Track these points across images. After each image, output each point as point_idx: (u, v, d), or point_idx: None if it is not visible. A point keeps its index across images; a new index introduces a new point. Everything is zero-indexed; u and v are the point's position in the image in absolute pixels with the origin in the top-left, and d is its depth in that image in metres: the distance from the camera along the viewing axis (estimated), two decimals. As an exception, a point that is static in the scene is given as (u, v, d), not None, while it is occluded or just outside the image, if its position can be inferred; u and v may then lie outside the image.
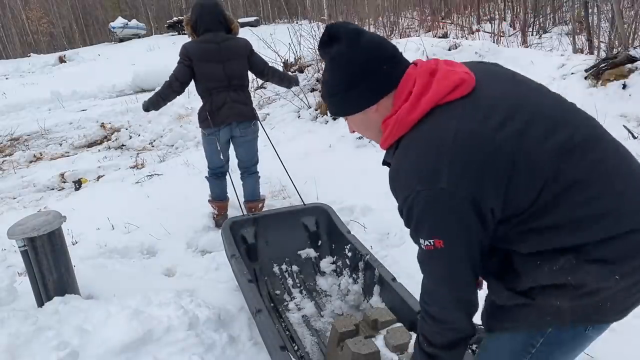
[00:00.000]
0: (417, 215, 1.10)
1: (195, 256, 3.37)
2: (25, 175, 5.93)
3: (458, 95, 1.11)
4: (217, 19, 3.29)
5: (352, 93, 1.20)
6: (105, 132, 7.56)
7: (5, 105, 9.93)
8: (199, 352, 2.15)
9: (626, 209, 1.07)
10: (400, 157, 1.16)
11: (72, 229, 3.64)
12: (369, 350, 1.81)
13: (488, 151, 1.05)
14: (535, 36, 7.64)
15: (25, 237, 2.41)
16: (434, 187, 1.06)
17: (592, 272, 1.06)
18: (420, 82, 1.14)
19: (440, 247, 1.10)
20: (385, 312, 2.09)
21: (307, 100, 6.33)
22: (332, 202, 3.80)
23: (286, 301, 2.72)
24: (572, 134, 1.09)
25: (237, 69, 3.37)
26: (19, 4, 35.98)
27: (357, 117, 1.25)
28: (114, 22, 25.65)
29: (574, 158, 1.06)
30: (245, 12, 34.28)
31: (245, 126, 3.48)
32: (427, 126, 1.12)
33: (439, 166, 1.05)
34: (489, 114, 1.08)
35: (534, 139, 1.06)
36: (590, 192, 1.06)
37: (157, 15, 37.39)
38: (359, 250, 2.63)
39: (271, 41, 7.39)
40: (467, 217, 1.07)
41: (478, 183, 1.05)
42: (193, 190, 4.31)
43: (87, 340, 2.15)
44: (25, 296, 2.65)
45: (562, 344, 1.17)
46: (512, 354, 1.21)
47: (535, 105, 1.12)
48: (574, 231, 1.07)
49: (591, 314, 1.11)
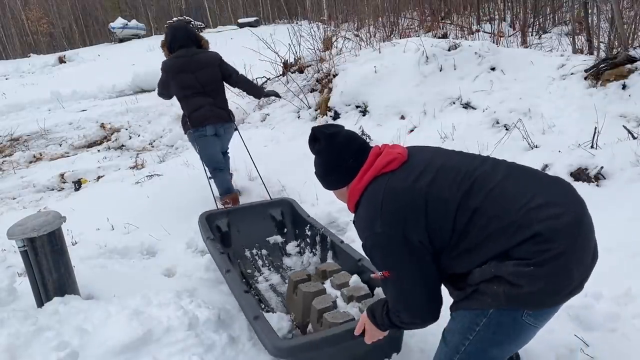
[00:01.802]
0: (370, 253, 1.56)
1: (195, 256, 3.37)
2: (25, 175, 5.93)
3: (392, 168, 1.55)
4: (187, 37, 3.85)
5: (331, 177, 1.70)
6: (105, 132, 7.56)
7: (5, 106, 9.91)
8: (198, 353, 2.15)
9: (524, 220, 1.35)
10: (356, 213, 1.63)
11: (72, 229, 3.64)
12: (316, 289, 2.37)
13: (408, 198, 1.47)
14: (535, 36, 7.64)
15: (25, 237, 2.41)
16: (374, 232, 1.49)
17: (509, 265, 1.34)
18: (367, 162, 1.60)
19: (389, 276, 1.50)
20: (333, 264, 2.70)
21: (307, 101, 6.33)
22: (331, 202, 3.80)
23: (256, 276, 3.10)
24: (471, 174, 1.46)
25: (209, 77, 3.84)
26: (18, 4, 35.98)
27: (337, 191, 1.74)
28: (113, 23, 25.61)
29: (473, 192, 1.43)
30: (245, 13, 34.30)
31: (227, 127, 3.95)
32: (368, 191, 1.57)
33: (374, 216, 1.49)
34: (410, 173, 1.52)
35: (441, 183, 1.46)
36: (488, 215, 1.39)
37: (157, 15, 37.40)
38: (316, 227, 3.10)
39: (271, 41, 7.39)
40: (403, 250, 1.45)
41: (403, 222, 1.45)
42: (193, 191, 4.31)
43: (87, 341, 2.15)
44: (25, 296, 2.65)
45: (501, 325, 1.42)
46: (461, 330, 1.49)
47: (443, 162, 1.53)
48: (488, 246, 1.39)
49: (522, 300, 1.36)
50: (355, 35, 8.19)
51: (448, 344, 1.54)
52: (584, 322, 2.21)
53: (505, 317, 1.40)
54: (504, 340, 1.45)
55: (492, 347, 1.45)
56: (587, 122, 3.72)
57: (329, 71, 6.47)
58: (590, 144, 3.50)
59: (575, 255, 1.34)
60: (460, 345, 1.48)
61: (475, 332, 1.44)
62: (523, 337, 1.46)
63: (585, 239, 1.39)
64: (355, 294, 2.28)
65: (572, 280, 1.35)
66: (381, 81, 5.50)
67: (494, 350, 1.46)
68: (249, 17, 29.22)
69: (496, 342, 1.44)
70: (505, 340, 1.45)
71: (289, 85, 7.02)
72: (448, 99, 4.90)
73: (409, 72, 5.37)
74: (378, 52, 6.04)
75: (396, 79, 5.42)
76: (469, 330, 1.46)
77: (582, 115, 3.90)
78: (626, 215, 2.87)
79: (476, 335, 1.44)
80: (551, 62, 4.85)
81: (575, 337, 2.13)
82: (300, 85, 6.81)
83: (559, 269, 1.31)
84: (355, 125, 5.21)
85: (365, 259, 2.50)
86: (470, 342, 1.45)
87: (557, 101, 4.26)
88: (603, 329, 2.17)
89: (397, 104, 5.17)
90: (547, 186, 1.46)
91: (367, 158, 1.61)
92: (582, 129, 3.74)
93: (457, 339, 1.49)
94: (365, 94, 5.50)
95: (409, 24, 9.16)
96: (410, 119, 4.93)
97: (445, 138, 4.29)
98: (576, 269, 1.35)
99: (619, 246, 2.57)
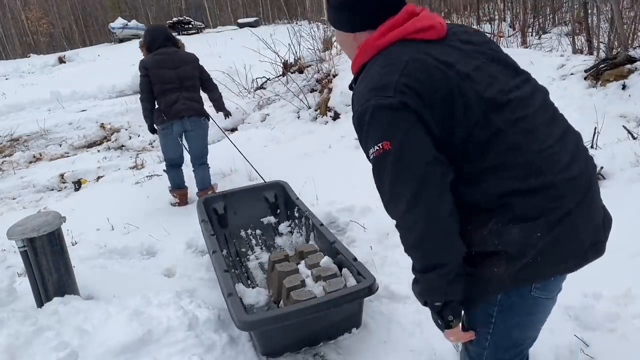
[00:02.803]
0: (368, 121, 1.22)
1: (195, 256, 3.37)
2: (25, 175, 5.93)
3: (425, 37, 1.27)
4: (167, 38, 4.07)
5: (343, 14, 1.36)
6: (105, 132, 7.56)
7: (5, 106, 9.92)
8: (198, 353, 2.14)
9: (544, 165, 1.20)
10: (362, 76, 1.31)
11: (71, 229, 3.64)
12: (290, 268, 2.62)
13: (433, 79, 1.19)
14: (534, 37, 7.64)
15: (25, 237, 2.41)
16: (383, 96, 1.20)
17: (514, 232, 1.20)
18: (396, 18, 1.29)
19: (389, 149, 1.20)
20: (311, 246, 2.94)
21: (306, 101, 6.34)
22: (331, 202, 3.81)
23: (248, 255, 3.33)
24: (507, 92, 1.25)
25: (189, 72, 4.04)
26: (18, 4, 35.99)
27: (340, 34, 1.42)
28: (113, 23, 25.61)
29: (503, 111, 1.22)
30: (245, 13, 34.34)
31: (195, 121, 4.03)
32: (388, 51, 1.27)
33: (390, 80, 1.20)
34: (444, 55, 1.24)
35: (474, 85, 1.21)
36: (509, 142, 1.21)
37: (157, 15, 37.41)
38: (302, 209, 3.29)
39: (271, 42, 7.39)
40: (411, 124, 1.19)
41: (421, 101, 1.18)
42: (193, 191, 4.31)
43: (86, 341, 2.15)
44: (24, 297, 2.65)
45: (513, 307, 1.31)
46: (480, 330, 1.37)
47: (482, 64, 1.27)
48: (500, 177, 1.21)
49: (528, 274, 1.24)
50: (355, 35, 8.19)
51: (473, 345, 1.45)
52: (584, 322, 2.21)
53: (515, 297, 1.30)
54: (522, 321, 1.36)
55: (514, 330, 1.38)
56: (587, 122, 3.72)
57: (329, 71, 6.48)
58: (590, 144, 3.50)
59: (585, 215, 1.25)
60: (484, 341, 1.40)
61: (493, 324, 1.35)
62: (540, 312, 1.37)
63: (594, 195, 1.29)
64: (323, 274, 2.49)
65: (582, 242, 1.25)
66: (381, 81, 5.49)
67: (517, 333, 1.39)
68: (248, 17, 29.26)
69: (516, 325, 1.36)
70: (523, 320, 1.36)
71: (289, 86, 7.03)
72: (448, 99, 4.91)
73: (408, 72, 5.37)
74: (378, 52, 6.03)
75: (396, 79, 5.41)
76: (485, 325, 1.37)
77: (581, 115, 3.90)
78: (626, 215, 2.86)
79: (494, 326, 1.36)
80: (551, 62, 4.85)
81: (575, 337, 2.13)
82: (300, 85, 6.81)
83: (567, 230, 1.22)
84: (355, 126, 5.21)
85: (338, 241, 2.75)
86: (491, 334, 1.38)
87: (557, 101, 4.17)
88: (603, 329, 2.17)
89: (397, 104, 5.17)
90: (566, 134, 1.32)
91: (397, 13, 1.31)
92: (581, 129, 3.66)
93: (479, 337, 1.41)
94: (365, 94, 5.49)
95: (408, 24, 9.15)
96: (410, 119, 4.93)
97: (445, 138, 4.29)
98: (585, 230, 1.25)
99: (619, 246, 2.55)
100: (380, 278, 2.57)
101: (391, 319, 2.47)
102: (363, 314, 2.41)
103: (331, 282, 2.40)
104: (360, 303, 2.35)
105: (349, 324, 2.38)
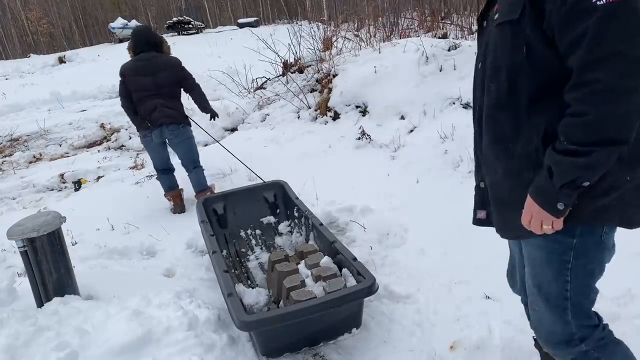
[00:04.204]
0: None
1: (195, 256, 3.37)
2: (25, 175, 5.93)
3: None
4: (147, 42, 4.01)
5: None
6: (105, 132, 7.56)
7: (5, 106, 9.92)
8: (198, 353, 2.14)
9: None
10: None
11: (71, 229, 3.64)
12: (289, 268, 2.60)
13: None
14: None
15: (25, 237, 2.41)
16: None
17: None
18: None
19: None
20: (311, 245, 2.91)
21: (306, 101, 6.33)
22: (331, 202, 3.81)
23: (248, 255, 3.33)
24: None
25: (167, 80, 3.97)
26: (18, 4, 35.98)
27: None
28: (113, 23, 25.60)
29: None
30: (245, 13, 34.35)
31: (174, 129, 3.99)
32: None
33: None
34: None
35: None
36: None
37: (157, 15, 37.41)
38: (301, 209, 3.28)
39: (271, 42, 7.39)
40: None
41: None
42: (192, 191, 4.31)
43: (86, 341, 2.15)
44: (24, 297, 2.64)
45: (587, 252, 1.33)
46: (555, 276, 1.37)
47: None
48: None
49: (605, 213, 1.26)
50: (355, 35, 8.19)
51: (550, 297, 1.40)
52: (584, 322, 2.21)
53: (588, 239, 1.31)
54: (595, 268, 1.37)
55: (588, 278, 1.38)
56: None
57: (329, 71, 6.47)
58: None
59: None
60: (564, 291, 1.36)
61: (570, 270, 1.34)
62: (607, 257, 1.39)
63: None
64: (323, 274, 2.49)
65: None
66: (381, 81, 5.50)
67: (590, 281, 1.39)
68: (248, 17, 29.26)
69: (589, 273, 1.37)
70: (596, 268, 1.37)
71: (289, 85, 7.02)
72: (448, 99, 4.90)
73: (408, 72, 5.37)
74: (378, 52, 6.04)
75: (396, 79, 5.42)
76: (562, 273, 1.35)
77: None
78: (626, 215, 2.87)
79: (572, 273, 1.34)
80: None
81: (575, 337, 2.12)
82: (300, 85, 6.81)
83: None
84: (355, 126, 5.21)
85: (337, 241, 2.75)
86: (570, 283, 1.35)
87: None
88: (603, 329, 2.17)
89: (397, 104, 5.17)
90: None
91: None
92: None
93: (556, 287, 1.37)
94: (365, 94, 5.50)
95: (408, 24, 9.15)
96: (410, 119, 4.93)
97: (445, 138, 4.29)
98: None
99: (618, 246, 2.56)
100: (380, 278, 2.57)
101: (391, 319, 2.47)
102: (363, 314, 2.41)
103: (331, 282, 2.41)
104: (360, 303, 2.35)
105: (349, 324, 2.38)
